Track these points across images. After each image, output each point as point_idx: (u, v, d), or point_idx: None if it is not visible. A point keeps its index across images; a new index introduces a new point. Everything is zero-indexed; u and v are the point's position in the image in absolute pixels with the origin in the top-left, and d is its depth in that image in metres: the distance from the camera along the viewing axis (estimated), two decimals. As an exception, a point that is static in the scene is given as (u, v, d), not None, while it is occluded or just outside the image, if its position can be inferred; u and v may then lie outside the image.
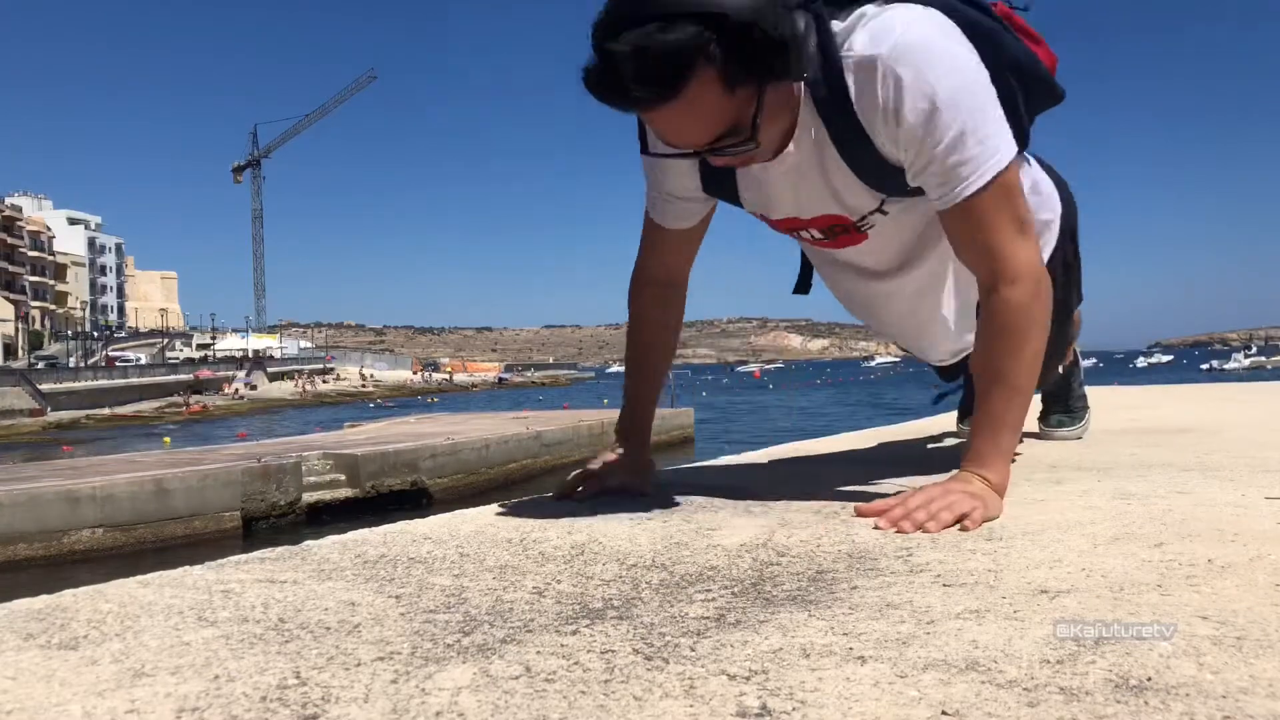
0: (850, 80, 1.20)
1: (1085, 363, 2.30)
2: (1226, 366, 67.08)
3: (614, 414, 1.64)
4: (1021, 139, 1.29)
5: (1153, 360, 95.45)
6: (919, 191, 1.30)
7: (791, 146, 1.27)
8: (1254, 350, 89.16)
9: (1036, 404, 2.40)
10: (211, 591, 0.94)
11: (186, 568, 1.04)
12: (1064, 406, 2.27)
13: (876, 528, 1.17)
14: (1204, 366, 69.93)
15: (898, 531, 1.15)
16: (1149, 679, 0.64)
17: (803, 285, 1.72)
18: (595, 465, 1.53)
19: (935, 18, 1.22)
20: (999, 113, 1.22)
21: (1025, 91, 1.35)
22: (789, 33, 1.10)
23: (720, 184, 1.41)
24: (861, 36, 1.20)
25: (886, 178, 1.29)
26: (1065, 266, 1.63)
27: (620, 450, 1.55)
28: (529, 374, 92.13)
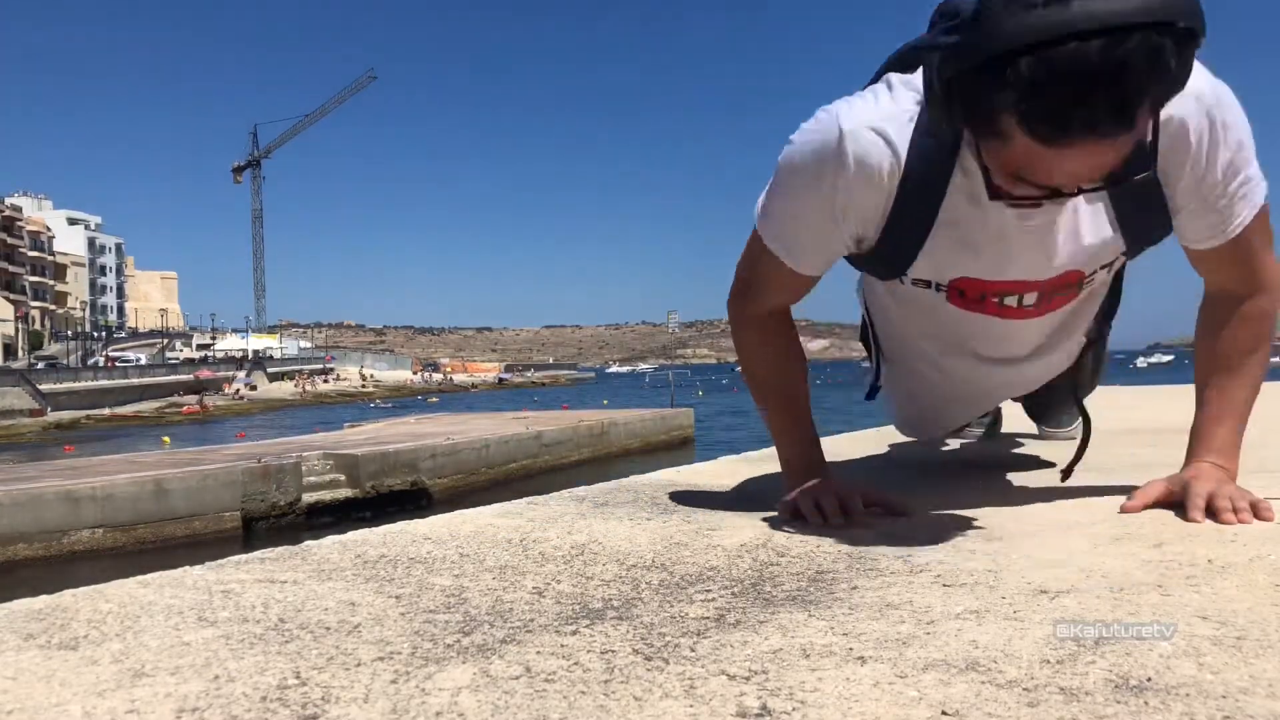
0: (1168, 115, 1.08)
1: None
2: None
3: (613, 414, 1.64)
4: None
5: (1153, 360, 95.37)
6: (1152, 242, 1.26)
7: None
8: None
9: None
10: (211, 591, 0.94)
11: (186, 568, 1.04)
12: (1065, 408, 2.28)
13: (1192, 520, 1.16)
14: (1204, 366, 69.74)
15: (1223, 522, 1.14)
16: (1149, 679, 0.64)
17: (874, 393, 1.68)
18: (817, 494, 1.27)
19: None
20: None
21: None
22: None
23: (900, 242, 1.23)
24: None
25: (1144, 222, 1.22)
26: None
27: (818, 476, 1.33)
28: (529, 374, 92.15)
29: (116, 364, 54.74)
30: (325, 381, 63.32)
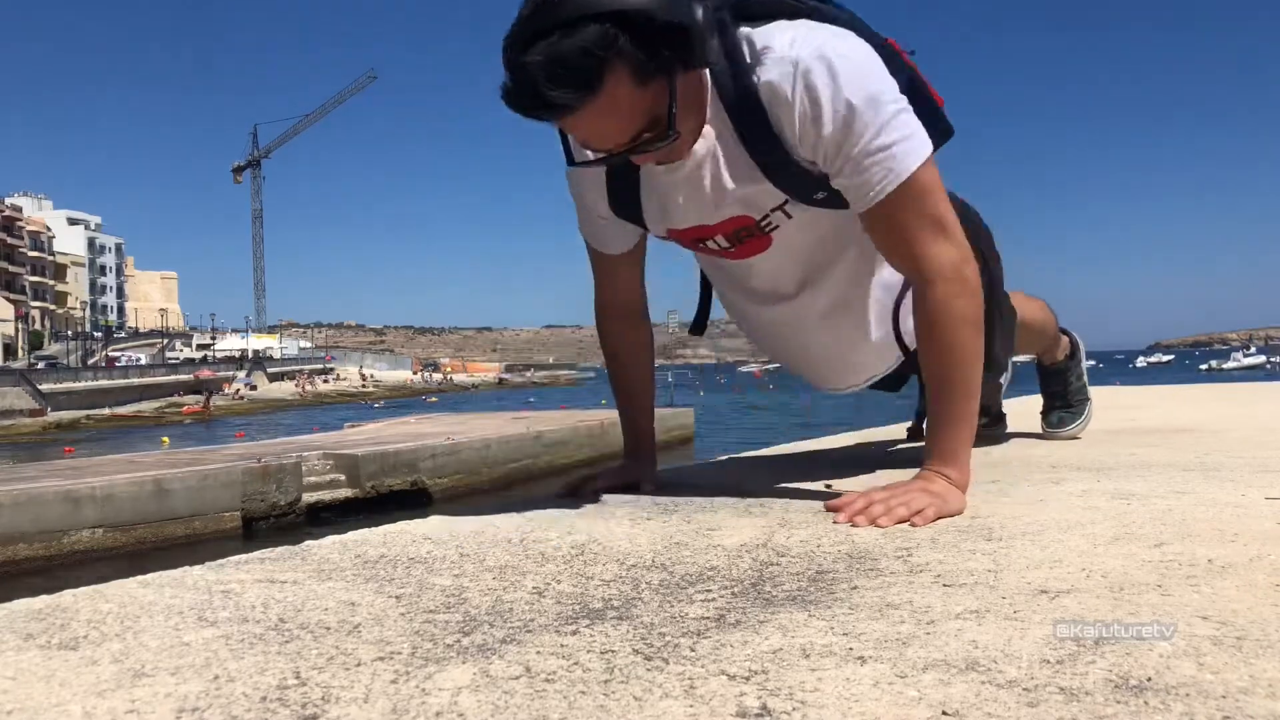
0: (763, 82, 1.24)
1: (1084, 364, 2.30)
2: (1226, 366, 67.13)
3: (613, 414, 1.65)
4: (939, 134, 1.34)
5: (1153, 360, 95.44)
6: (825, 202, 1.34)
7: (699, 145, 1.30)
8: (1253, 350, 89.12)
9: (1038, 402, 2.40)
10: (211, 591, 0.94)
11: (186, 568, 1.04)
12: (1064, 403, 2.28)
13: (836, 523, 1.21)
14: (1203, 366, 69.97)
15: (853, 525, 1.19)
16: (1149, 679, 0.64)
17: (698, 326, 1.74)
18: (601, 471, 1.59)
19: (848, 34, 1.28)
20: (910, 116, 1.25)
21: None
22: (688, 20, 1.15)
23: (625, 204, 1.45)
24: (780, 42, 1.24)
25: (792, 179, 1.32)
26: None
27: (624, 461, 1.64)
28: (529, 374, 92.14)
29: (116, 364, 54.70)
30: (325, 381, 63.30)
